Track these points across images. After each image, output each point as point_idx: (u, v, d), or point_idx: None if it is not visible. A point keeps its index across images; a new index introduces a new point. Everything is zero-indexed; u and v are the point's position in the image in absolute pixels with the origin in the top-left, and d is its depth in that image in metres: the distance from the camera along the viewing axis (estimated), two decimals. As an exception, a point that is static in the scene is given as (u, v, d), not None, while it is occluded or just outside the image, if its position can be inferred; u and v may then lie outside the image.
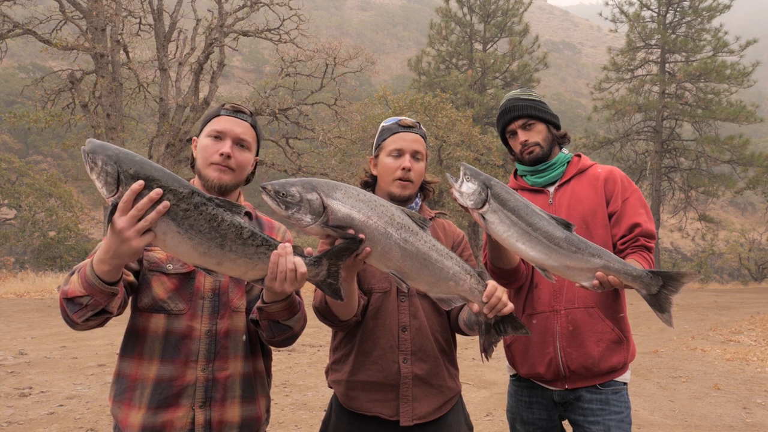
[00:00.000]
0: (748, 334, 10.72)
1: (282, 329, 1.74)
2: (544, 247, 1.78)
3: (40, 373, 6.48)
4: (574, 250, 1.80)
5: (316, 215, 1.55)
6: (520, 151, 2.35)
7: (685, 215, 28.17)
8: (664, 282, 1.82)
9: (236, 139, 1.82)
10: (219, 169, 1.79)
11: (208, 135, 1.83)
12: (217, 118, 1.84)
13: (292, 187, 1.55)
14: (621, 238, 2.21)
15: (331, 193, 1.58)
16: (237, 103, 1.90)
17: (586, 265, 1.82)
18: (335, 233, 1.57)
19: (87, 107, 17.88)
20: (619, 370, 2.22)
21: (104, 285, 1.49)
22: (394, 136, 2.08)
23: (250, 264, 1.49)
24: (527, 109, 2.32)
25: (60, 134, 22.40)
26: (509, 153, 2.47)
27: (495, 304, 1.70)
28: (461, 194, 1.81)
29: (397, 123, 2.11)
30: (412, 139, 2.08)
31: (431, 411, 1.99)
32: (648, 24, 27.75)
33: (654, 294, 1.83)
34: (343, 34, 67.08)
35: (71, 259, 21.83)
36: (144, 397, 1.70)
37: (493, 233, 1.82)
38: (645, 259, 2.16)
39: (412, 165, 2.05)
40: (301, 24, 19.07)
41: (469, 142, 20.96)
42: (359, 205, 1.59)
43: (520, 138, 2.33)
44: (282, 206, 1.54)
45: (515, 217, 1.78)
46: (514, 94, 2.40)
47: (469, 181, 1.79)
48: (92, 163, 1.37)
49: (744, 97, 27.51)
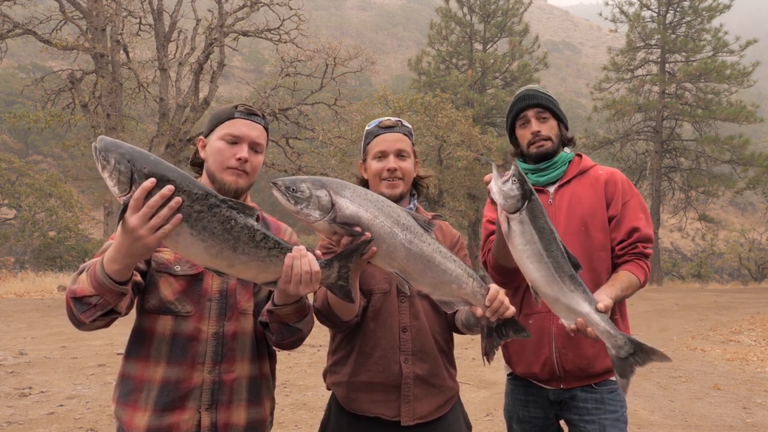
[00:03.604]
0: (748, 334, 10.73)
1: (292, 332, 1.75)
2: (549, 275, 1.80)
3: (40, 373, 6.48)
4: (572, 290, 1.82)
5: (324, 212, 1.56)
6: (529, 142, 2.30)
7: (685, 215, 28.19)
8: (635, 350, 1.84)
9: (252, 143, 1.81)
10: (236, 173, 1.79)
11: (222, 138, 1.80)
12: (232, 121, 1.81)
13: (302, 184, 1.56)
14: (620, 243, 2.21)
15: (340, 191, 1.59)
16: (249, 104, 1.89)
17: (575, 307, 1.83)
18: (342, 230, 1.57)
19: (87, 107, 17.85)
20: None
21: (114, 284, 1.48)
22: (376, 139, 2.10)
23: (261, 267, 1.48)
24: (544, 100, 2.30)
25: (60, 134, 22.35)
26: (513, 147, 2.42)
27: (498, 307, 1.71)
28: (500, 191, 1.80)
29: (377, 125, 2.12)
30: (394, 138, 2.08)
31: (432, 410, 2.00)
32: (648, 24, 27.78)
33: (621, 358, 1.84)
34: (343, 34, 67.04)
35: (71, 259, 21.84)
36: (150, 399, 1.69)
37: (510, 240, 1.83)
38: (641, 268, 2.17)
39: (397, 164, 2.06)
40: (301, 24, 19.02)
41: (469, 142, 20.98)
42: (366, 204, 1.61)
43: (533, 127, 2.28)
44: (291, 201, 1.55)
45: (537, 237, 1.79)
46: (531, 86, 2.38)
47: (515, 184, 1.78)
48: (104, 161, 1.34)
49: (744, 97, 27.52)
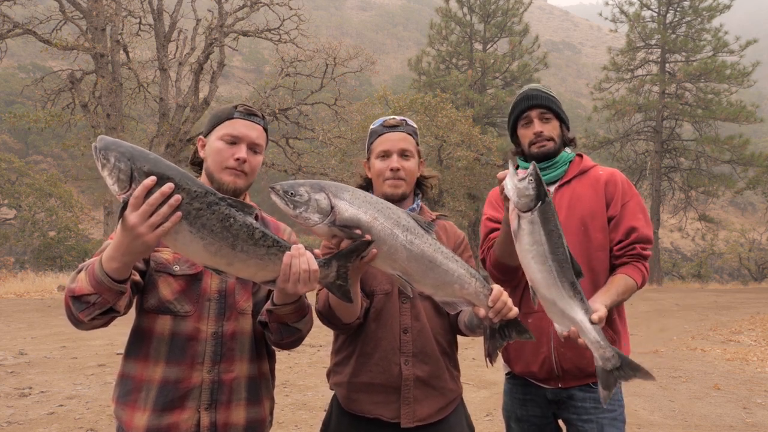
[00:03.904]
0: (748, 334, 10.73)
1: (291, 331, 1.75)
2: (550, 278, 1.80)
3: (40, 373, 6.48)
4: (570, 296, 1.83)
5: (323, 215, 1.55)
6: (531, 142, 2.31)
7: (685, 215, 28.18)
8: (621, 365, 1.85)
9: (251, 143, 1.81)
10: (234, 173, 1.79)
11: (221, 138, 1.80)
12: (231, 122, 1.81)
13: (301, 187, 1.56)
14: (618, 243, 2.21)
15: (339, 194, 1.58)
16: (249, 104, 1.89)
17: (569, 313, 1.84)
18: (342, 233, 1.57)
19: (87, 107, 17.86)
20: None
21: (113, 283, 1.48)
22: (380, 138, 2.09)
23: (260, 265, 1.48)
24: (548, 101, 2.31)
25: (60, 134, 22.36)
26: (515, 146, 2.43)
27: (501, 308, 1.70)
28: (515, 188, 1.80)
29: (381, 124, 2.11)
30: (397, 138, 2.07)
31: (433, 413, 1.99)
32: (648, 24, 27.77)
33: (607, 370, 1.85)
34: (343, 34, 67.03)
35: (71, 259, 21.83)
36: (149, 399, 1.69)
37: (517, 238, 1.84)
38: (638, 271, 2.17)
39: (401, 164, 2.05)
40: (301, 24, 19.03)
41: (469, 142, 20.99)
42: (366, 207, 1.60)
43: (536, 128, 2.29)
44: (290, 205, 1.54)
45: (545, 239, 1.79)
46: (534, 85, 2.37)
47: (531, 184, 1.78)
48: (104, 159, 1.35)
49: (744, 97, 27.52)
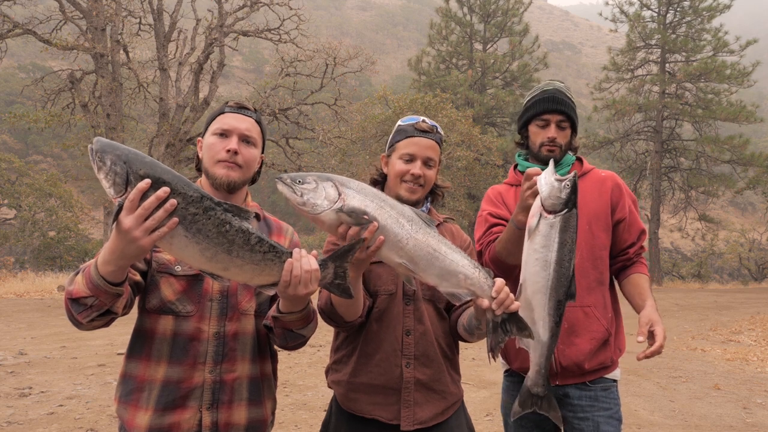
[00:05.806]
0: (748, 334, 10.72)
1: (295, 337, 1.76)
2: (543, 285, 1.85)
3: (40, 373, 6.48)
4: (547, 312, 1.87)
5: (331, 201, 1.56)
6: (541, 144, 2.29)
7: (685, 215, 28.15)
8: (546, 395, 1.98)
9: (242, 135, 1.82)
10: (227, 166, 1.79)
11: (213, 133, 1.82)
12: (222, 116, 1.84)
13: (308, 176, 1.58)
14: (632, 246, 2.33)
15: (346, 183, 1.61)
16: (240, 100, 1.90)
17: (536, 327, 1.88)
18: (350, 219, 1.56)
19: (87, 107, 17.85)
20: (609, 367, 2.25)
21: (109, 286, 1.48)
22: (408, 140, 2.03)
23: (256, 270, 1.48)
24: (570, 109, 2.29)
25: (60, 134, 22.33)
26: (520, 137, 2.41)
27: (504, 299, 1.70)
28: (550, 186, 1.81)
29: (413, 126, 2.03)
30: (426, 145, 2.02)
31: (433, 416, 1.97)
32: (648, 24, 27.74)
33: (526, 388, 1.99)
34: (343, 34, 67.05)
35: (71, 259, 21.83)
36: (151, 399, 1.70)
37: (530, 236, 1.85)
38: (645, 266, 2.36)
39: (423, 172, 2.01)
40: (301, 24, 19.02)
41: (469, 142, 21.01)
42: (372, 196, 1.62)
43: (551, 133, 2.27)
44: (298, 193, 1.55)
45: (556, 247, 1.82)
46: (558, 86, 2.32)
47: (566, 189, 1.79)
48: (100, 162, 1.34)
49: (744, 97, 27.49)
